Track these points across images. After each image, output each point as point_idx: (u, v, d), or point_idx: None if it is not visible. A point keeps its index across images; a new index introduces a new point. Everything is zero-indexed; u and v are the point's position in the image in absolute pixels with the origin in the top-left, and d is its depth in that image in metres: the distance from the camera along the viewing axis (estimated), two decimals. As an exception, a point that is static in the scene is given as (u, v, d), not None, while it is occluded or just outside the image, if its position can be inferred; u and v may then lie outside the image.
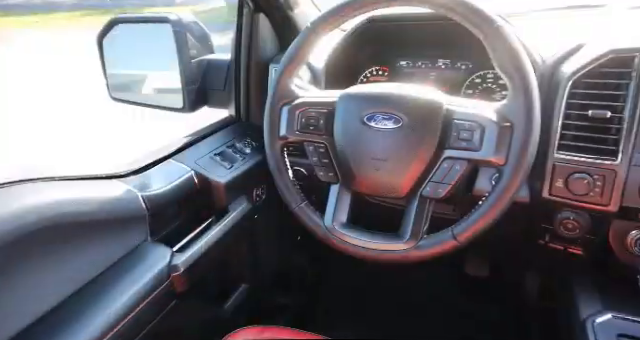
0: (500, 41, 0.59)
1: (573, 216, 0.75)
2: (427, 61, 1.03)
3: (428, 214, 0.65)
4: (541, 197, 0.77)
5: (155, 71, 1.18)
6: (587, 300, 0.72)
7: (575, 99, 0.72)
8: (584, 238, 0.76)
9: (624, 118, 0.67)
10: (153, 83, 1.20)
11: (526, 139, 0.58)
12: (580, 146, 0.72)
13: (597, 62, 0.70)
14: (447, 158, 0.63)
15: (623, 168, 0.68)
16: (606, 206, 0.70)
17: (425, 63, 1.03)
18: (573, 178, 0.72)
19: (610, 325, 0.65)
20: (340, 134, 0.70)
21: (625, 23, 0.84)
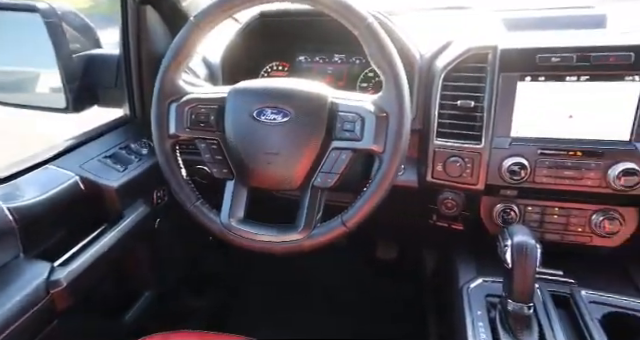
0: (372, 37, 0.63)
1: (451, 196, 0.84)
2: (324, 56, 1.07)
3: (321, 204, 0.68)
4: (426, 181, 0.85)
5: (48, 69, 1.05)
6: (465, 269, 0.82)
7: (447, 91, 0.81)
8: (462, 215, 0.86)
9: (484, 107, 0.77)
10: (48, 82, 1.08)
11: (400, 128, 0.63)
12: (454, 133, 0.81)
13: (461, 58, 0.79)
14: (334, 149, 0.66)
15: (486, 151, 0.78)
16: (475, 185, 0.80)
17: (322, 58, 1.07)
18: (449, 162, 0.80)
19: (480, 288, 0.75)
20: (231, 130, 0.70)
21: (487, 23, 0.95)
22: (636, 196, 0.72)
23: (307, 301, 1.40)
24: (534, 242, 0.63)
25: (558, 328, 0.65)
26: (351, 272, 1.41)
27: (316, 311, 1.36)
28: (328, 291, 1.40)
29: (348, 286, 1.37)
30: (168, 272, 1.13)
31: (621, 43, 0.71)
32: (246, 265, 1.43)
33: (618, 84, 0.72)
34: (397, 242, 1.37)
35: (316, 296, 1.41)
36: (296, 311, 1.37)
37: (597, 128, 0.74)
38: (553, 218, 0.79)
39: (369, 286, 1.33)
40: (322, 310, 1.37)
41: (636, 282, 0.75)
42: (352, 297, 1.35)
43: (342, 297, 1.37)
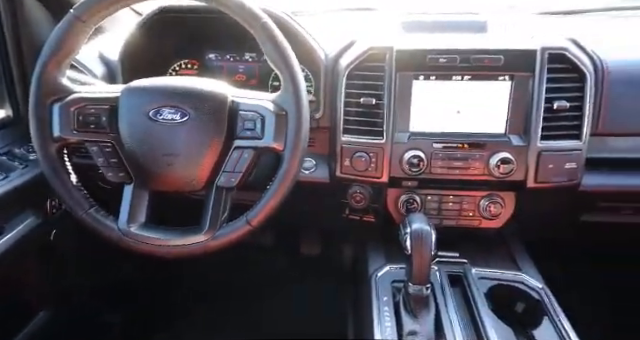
0: (267, 37, 0.64)
1: (359, 189, 0.88)
2: (235, 54, 1.05)
3: (227, 204, 0.67)
4: (336, 176, 0.88)
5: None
6: (374, 258, 0.87)
7: (351, 89, 0.84)
8: (371, 207, 0.91)
9: (384, 104, 0.82)
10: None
11: (298, 125, 0.64)
12: (358, 129, 0.85)
13: (362, 57, 0.83)
14: (236, 148, 0.66)
15: (388, 146, 0.83)
16: (380, 178, 0.84)
17: (233, 56, 1.05)
18: (355, 157, 0.84)
19: (388, 275, 0.80)
20: (127, 131, 0.65)
21: (388, 25, 1.01)
22: (513, 182, 0.81)
23: (235, 303, 1.38)
24: (429, 228, 0.69)
25: (451, 304, 0.72)
26: (276, 270, 1.41)
27: (244, 312, 1.35)
28: (253, 291, 1.39)
29: (274, 284, 1.38)
30: (73, 286, 1.03)
31: (493, 47, 0.80)
32: (165, 270, 1.36)
33: (493, 83, 0.81)
34: (320, 238, 1.40)
35: (243, 297, 1.39)
36: (224, 315, 1.34)
37: (480, 122, 0.83)
38: (449, 205, 0.87)
39: (294, 282, 1.35)
40: (249, 311, 1.35)
41: (515, 257, 0.86)
42: (278, 295, 1.36)
43: (268, 296, 1.37)
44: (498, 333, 0.67)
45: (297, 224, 1.29)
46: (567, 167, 0.80)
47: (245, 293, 1.40)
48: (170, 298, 1.41)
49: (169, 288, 1.42)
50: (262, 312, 1.34)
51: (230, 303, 1.38)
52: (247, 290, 1.40)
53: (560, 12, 1.15)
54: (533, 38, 0.82)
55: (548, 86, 0.78)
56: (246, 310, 1.35)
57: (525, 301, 0.76)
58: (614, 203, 0.89)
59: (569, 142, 0.80)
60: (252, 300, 1.38)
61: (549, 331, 0.68)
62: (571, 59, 0.78)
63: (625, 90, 0.81)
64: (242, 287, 1.42)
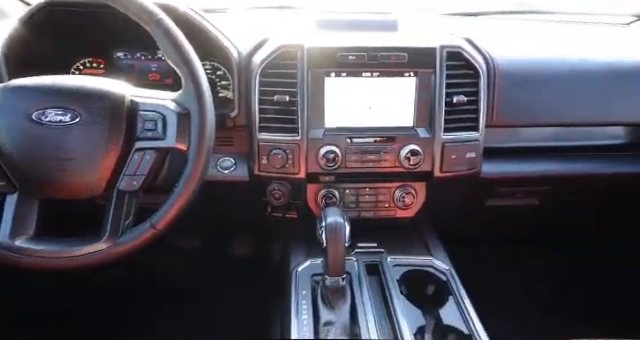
0: (164, 34, 0.62)
1: (278, 187, 0.89)
2: (147, 52, 1.00)
3: (130, 208, 0.64)
4: (255, 174, 0.88)
5: None
6: (297, 254, 0.88)
7: (265, 87, 0.84)
8: (291, 203, 0.92)
9: (298, 101, 0.83)
10: None
11: (202, 125, 0.63)
12: (274, 127, 0.85)
13: (274, 55, 0.83)
14: (137, 149, 0.63)
15: (303, 142, 0.84)
16: (298, 174, 0.85)
17: (144, 54, 1.00)
18: (272, 154, 0.84)
19: (308, 269, 0.81)
20: (5, 135, 0.59)
21: (303, 23, 1.02)
22: (422, 172, 0.87)
23: (166, 306, 1.33)
24: (343, 221, 0.71)
25: (366, 292, 0.75)
26: (206, 272, 1.37)
27: (175, 316, 1.30)
28: (183, 295, 1.34)
29: (204, 287, 1.34)
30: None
31: (398, 45, 0.84)
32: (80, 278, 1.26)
33: (400, 79, 0.85)
34: (250, 238, 1.39)
35: (173, 301, 1.34)
36: (157, 318, 1.28)
37: (390, 117, 0.87)
38: (366, 198, 0.91)
39: (225, 284, 1.32)
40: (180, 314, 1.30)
41: (428, 243, 0.92)
42: (208, 298, 1.32)
43: (198, 299, 1.32)
44: (408, 315, 0.71)
45: (224, 225, 1.26)
46: (467, 157, 0.87)
47: (175, 297, 1.34)
48: (102, 303, 1.32)
49: (83, 298, 1.33)
50: (193, 315, 1.30)
51: (161, 306, 1.33)
52: (176, 294, 1.35)
53: (463, 14, 1.25)
54: (433, 37, 0.88)
55: (448, 82, 0.84)
56: (177, 314, 1.30)
57: (435, 283, 0.81)
58: (510, 188, 0.98)
59: (468, 133, 0.86)
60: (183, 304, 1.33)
61: (453, 309, 0.74)
62: (466, 57, 0.85)
63: (513, 86, 0.89)
64: (172, 291, 1.36)
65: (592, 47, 1.01)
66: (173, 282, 1.37)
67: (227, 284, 1.30)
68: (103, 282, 1.31)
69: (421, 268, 0.83)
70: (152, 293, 1.36)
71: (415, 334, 0.69)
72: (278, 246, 1.18)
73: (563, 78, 0.92)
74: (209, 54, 0.93)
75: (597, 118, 0.94)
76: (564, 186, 1.00)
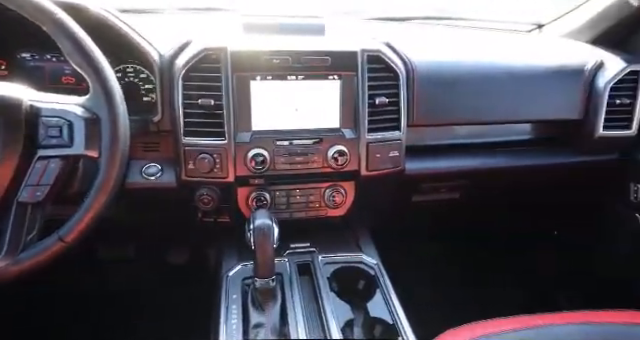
0: (64, 35, 0.58)
1: (206, 191, 0.87)
2: (58, 53, 0.93)
3: (34, 221, 0.60)
4: (182, 180, 0.85)
5: None
6: (228, 258, 0.87)
7: (189, 90, 0.82)
8: (223, 208, 0.91)
9: (223, 105, 0.82)
10: None
11: (115, 130, 0.60)
12: (200, 131, 0.83)
13: (196, 58, 0.81)
14: (40, 158, 0.59)
15: (231, 146, 0.83)
16: (226, 178, 0.85)
17: (55, 55, 0.93)
18: (199, 159, 0.83)
19: (239, 273, 0.81)
20: None
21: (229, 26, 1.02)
22: (349, 172, 0.90)
23: (104, 318, 1.25)
24: (271, 223, 0.72)
25: (297, 292, 0.76)
26: (142, 283, 1.31)
27: (112, 328, 1.22)
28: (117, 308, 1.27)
29: (140, 298, 1.28)
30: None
31: (321, 48, 0.86)
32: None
33: (325, 82, 0.87)
34: (186, 244, 1.35)
35: (110, 313, 1.27)
36: (94, 330, 1.20)
37: (316, 119, 0.89)
38: (297, 199, 0.92)
39: (162, 294, 1.27)
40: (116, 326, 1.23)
41: (359, 241, 0.95)
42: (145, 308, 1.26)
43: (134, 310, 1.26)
44: (337, 311, 0.73)
45: (157, 233, 1.22)
46: (391, 155, 0.91)
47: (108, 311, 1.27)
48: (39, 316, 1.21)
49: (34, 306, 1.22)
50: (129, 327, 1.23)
51: (98, 318, 1.25)
52: (110, 308, 1.28)
53: (388, 19, 1.32)
54: (356, 41, 0.91)
55: (370, 84, 0.88)
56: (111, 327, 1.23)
57: (364, 278, 0.85)
58: (433, 184, 1.05)
59: (391, 133, 0.91)
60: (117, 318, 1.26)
61: (380, 301, 0.77)
62: (385, 60, 0.89)
63: (430, 87, 0.95)
64: (108, 302, 1.29)
65: (500, 52, 1.11)
66: (105, 295, 1.30)
67: (164, 294, 1.25)
68: (27, 298, 1.21)
69: (351, 264, 0.86)
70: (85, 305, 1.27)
71: (344, 329, 0.72)
72: (214, 251, 1.16)
73: (475, 80, 1.00)
74: (129, 57, 0.89)
75: (506, 116, 1.04)
76: (480, 180, 1.09)
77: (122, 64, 0.96)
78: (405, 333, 0.70)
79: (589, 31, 1.11)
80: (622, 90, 0.99)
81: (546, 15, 1.33)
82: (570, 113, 1.03)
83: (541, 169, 1.09)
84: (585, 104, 1.01)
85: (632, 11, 0.99)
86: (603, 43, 1.09)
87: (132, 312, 1.27)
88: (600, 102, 0.99)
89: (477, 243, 1.40)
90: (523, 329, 0.74)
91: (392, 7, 1.39)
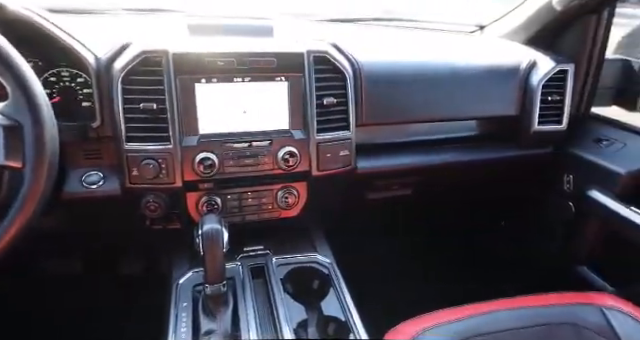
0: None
1: (153, 198, 0.84)
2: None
3: None
4: (126, 187, 0.82)
5: None
6: (179, 265, 0.85)
7: (130, 94, 0.79)
8: (173, 214, 0.88)
9: (167, 109, 0.80)
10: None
11: (39, 138, 0.57)
12: (143, 136, 0.81)
13: (135, 61, 0.79)
14: None
15: (177, 150, 0.81)
16: (174, 183, 0.82)
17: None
18: (143, 165, 0.80)
19: (190, 280, 0.79)
20: None
21: (173, 27, 0.99)
22: (300, 172, 0.90)
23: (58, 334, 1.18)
24: (220, 227, 0.71)
25: (249, 296, 0.75)
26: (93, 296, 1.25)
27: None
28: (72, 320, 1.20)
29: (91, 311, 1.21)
30: None
31: (267, 50, 0.86)
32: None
33: (272, 84, 0.87)
34: (137, 254, 1.30)
35: (62, 328, 1.20)
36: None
37: (265, 120, 0.88)
38: (248, 201, 0.91)
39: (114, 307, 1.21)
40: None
41: (313, 240, 0.96)
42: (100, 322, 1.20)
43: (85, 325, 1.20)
44: (290, 313, 0.73)
45: (105, 244, 1.17)
46: (342, 155, 0.93)
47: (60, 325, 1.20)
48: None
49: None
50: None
51: (48, 336, 1.18)
52: (63, 320, 1.21)
53: (338, 20, 1.34)
54: (302, 42, 0.92)
55: (317, 85, 0.89)
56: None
57: (319, 278, 0.86)
58: (385, 181, 1.08)
59: (340, 133, 0.92)
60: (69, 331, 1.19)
61: (333, 300, 0.78)
62: (332, 61, 0.90)
63: (378, 88, 0.98)
64: (58, 318, 1.21)
65: (444, 52, 1.16)
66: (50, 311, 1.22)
67: (116, 306, 1.19)
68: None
69: (305, 265, 0.87)
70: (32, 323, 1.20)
71: (297, 330, 0.72)
72: (166, 259, 1.13)
73: (421, 80, 1.03)
74: (62, 60, 0.85)
75: (450, 114, 1.08)
76: (430, 176, 1.13)
77: (55, 68, 0.91)
78: (357, 330, 0.72)
79: (523, 33, 1.19)
80: (553, 88, 1.06)
81: (487, 17, 1.40)
82: (508, 110, 1.09)
83: (486, 163, 1.15)
84: (521, 101, 1.08)
85: (556, 15, 1.07)
86: (536, 44, 1.16)
87: (85, 328, 1.20)
88: (534, 99, 1.06)
89: (429, 238, 1.45)
90: (467, 318, 0.78)
91: (342, 9, 1.41)
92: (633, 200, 0.97)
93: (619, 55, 1.16)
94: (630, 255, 0.98)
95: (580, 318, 0.79)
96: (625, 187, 0.96)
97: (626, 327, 0.77)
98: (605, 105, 1.19)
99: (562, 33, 1.13)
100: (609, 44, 1.16)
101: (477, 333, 0.76)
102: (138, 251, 1.28)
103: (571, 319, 0.79)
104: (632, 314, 0.79)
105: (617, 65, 1.12)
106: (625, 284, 0.97)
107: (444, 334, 0.75)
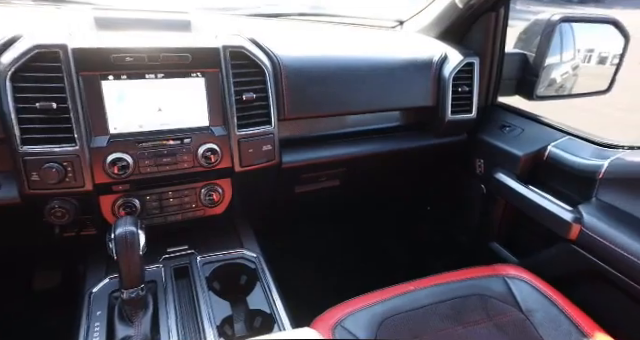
0: None
1: (59, 204, 0.79)
2: None
3: None
4: (25, 194, 0.76)
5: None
6: (95, 273, 0.81)
7: (22, 93, 0.73)
8: (85, 219, 0.83)
9: (69, 108, 0.75)
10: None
11: None
12: (43, 138, 0.75)
13: (27, 56, 0.72)
14: None
15: (84, 152, 0.76)
16: (83, 187, 0.78)
17: None
18: (45, 169, 0.74)
19: (105, 287, 0.76)
20: None
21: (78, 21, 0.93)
22: (223, 169, 0.89)
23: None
24: (134, 229, 0.68)
25: (171, 298, 0.74)
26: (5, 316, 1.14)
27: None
28: None
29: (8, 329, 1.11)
30: None
31: (180, 45, 0.84)
32: None
33: (188, 80, 0.85)
34: (56, 266, 1.21)
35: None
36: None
37: (184, 118, 0.86)
38: (170, 201, 0.88)
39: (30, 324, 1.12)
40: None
41: (240, 236, 0.96)
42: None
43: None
44: (214, 310, 0.73)
45: (14, 257, 1.07)
46: (265, 149, 0.93)
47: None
48: None
49: None
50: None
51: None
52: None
53: (263, 15, 1.33)
54: (217, 37, 0.90)
55: (235, 80, 0.88)
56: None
57: (246, 273, 0.86)
58: (313, 173, 1.10)
59: (262, 128, 0.92)
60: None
61: (259, 293, 0.79)
62: (249, 56, 0.90)
63: (299, 82, 0.99)
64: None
65: (366, 47, 1.20)
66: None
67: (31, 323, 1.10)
68: None
69: (232, 261, 0.86)
70: None
71: (221, 327, 0.72)
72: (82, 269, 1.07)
73: (343, 74, 1.06)
74: None
75: (372, 106, 1.12)
76: (356, 166, 1.17)
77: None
78: (281, 321, 0.73)
79: (436, 28, 1.26)
80: (462, 80, 1.15)
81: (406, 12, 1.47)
82: (425, 101, 1.16)
83: (408, 152, 1.22)
84: (436, 92, 1.15)
85: (460, 12, 1.15)
86: (447, 38, 1.24)
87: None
88: (447, 90, 1.13)
89: (359, 227, 1.51)
90: (388, 299, 0.83)
91: (267, 4, 1.40)
92: (530, 180, 1.08)
93: (518, 49, 1.28)
94: (528, 229, 1.10)
95: (486, 288, 0.88)
96: (523, 168, 1.07)
97: (524, 292, 0.87)
98: (509, 95, 1.30)
99: (469, 29, 1.22)
100: (514, 40, 1.28)
101: (396, 312, 0.81)
102: (52, 263, 1.19)
103: (479, 290, 0.87)
104: (529, 281, 0.89)
105: (516, 58, 1.23)
106: (526, 255, 1.09)
107: (365, 316, 0.79)
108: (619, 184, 0.86)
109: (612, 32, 1.15)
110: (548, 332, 0.79)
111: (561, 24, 1.17)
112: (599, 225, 0.84)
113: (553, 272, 0.94)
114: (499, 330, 0.80)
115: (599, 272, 0.84)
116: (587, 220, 0.87)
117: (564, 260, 0.94)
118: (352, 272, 1.25)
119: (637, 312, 0.80)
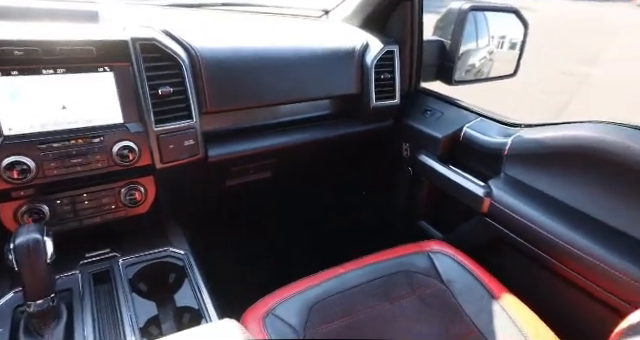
0: None
1: None
2: None
3: None
4: None
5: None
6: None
7: None
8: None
9: None
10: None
11: None
12: None
13: None
14: None
15: None
16: None
17: None
18: None
19: (10, 302, 0.70)
20: None
21: None
22: (143, 167, 0.86)
23: None
24: (39, 237, 0.63)
25: (88, 305, 0.70)
26: None
27: None
28: None
29: None
30: None
31: (82, 38, 0.78)
32: None
33: (95, 75, 0.80)
34: None
35: None
36: None
37: (94, 115, 0.81)
38: (85, 204, 0.83)
39: None
40: None
41: (167, 233, 0.93)
42: None
43: None
44: (137, 312, 0.70)
45: None
46: (186, 144, 0.90)
47: None
48: None
49: None
50: None
51: None
52: None
53: (183, 5, 1.27)
54: (125, 29, 0.86)
55: (149, 74, 0.84)
56: None
57: (174, 271, 0.84)
58: (241, 166, 1.09)
59: (183, 122, 0.89)
60: None
61: (187, 290, 0.78)
62: (161, 48, 0.86)
63: (220, 75, 0.97)
64: None
65: (290, 37, 1.19)
66: None
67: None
68: None
69: (157, 261, 0.84)
70: None
71: (145, 328, 0.70)
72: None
73: (267, 64, 1.05)
74: None
75: (298, 96, 1.13)
76: (287, 157, 1.18)
77: None
78: (209, 316, 0.72)
79: (358, 17, 1.29)
80: (384, 67, 1.19)
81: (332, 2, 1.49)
82: (351, 89, 1.18)
83: (337, 140, 1.24)
84: (360, 80, 1.18)
85: (378, 1, 1.18)
86: (369, 27, 1.27)
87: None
88: (369, 77, 1.17)
89: (297, 216, 1.53)
90: (320, 283, 0.85)
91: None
92: (449, 160, 1.16)
93: (436, 37, 1.35)
94: (450, 206, 1.18)
95: (412, 264, 0.93)
96: (443, 149, 1.14)
97: (445, 265, 0.93)
98: (431, 80, 1.37)
99: (389, 17, 1.26)
100: (432, 28, 1.34)
101: (328, 295, 0.83)
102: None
103: (405, 267, 0.92)
104: (450, 254, 0.96)
105: (434, 45, 1.29)
106: (449, 231, 1.17)
107: (297, 303, 0.80)
108: (520, 159, 0.95)
109: (514, 20, 1.25)
110: (465, 298, 0.85)
111: (474, 12, 1.25)
112: (505, 198, 0.92)
113: (470, 244, 1.02)
114: (422, 302, 0.85)
115: (507, 240, 0.93)
116: (496, 194, 0.95)
117: (478, 232, 1.02)
118: (291, 263, 1.26)
119: (537, 273, 0.90)
